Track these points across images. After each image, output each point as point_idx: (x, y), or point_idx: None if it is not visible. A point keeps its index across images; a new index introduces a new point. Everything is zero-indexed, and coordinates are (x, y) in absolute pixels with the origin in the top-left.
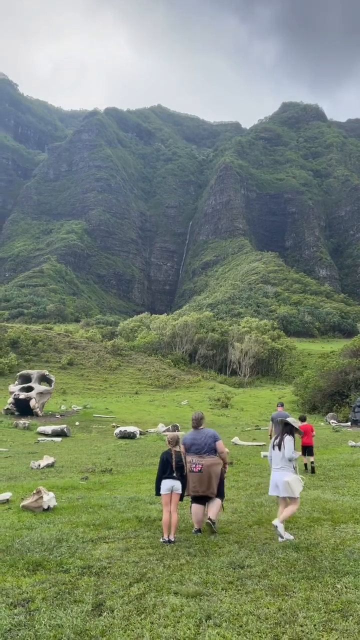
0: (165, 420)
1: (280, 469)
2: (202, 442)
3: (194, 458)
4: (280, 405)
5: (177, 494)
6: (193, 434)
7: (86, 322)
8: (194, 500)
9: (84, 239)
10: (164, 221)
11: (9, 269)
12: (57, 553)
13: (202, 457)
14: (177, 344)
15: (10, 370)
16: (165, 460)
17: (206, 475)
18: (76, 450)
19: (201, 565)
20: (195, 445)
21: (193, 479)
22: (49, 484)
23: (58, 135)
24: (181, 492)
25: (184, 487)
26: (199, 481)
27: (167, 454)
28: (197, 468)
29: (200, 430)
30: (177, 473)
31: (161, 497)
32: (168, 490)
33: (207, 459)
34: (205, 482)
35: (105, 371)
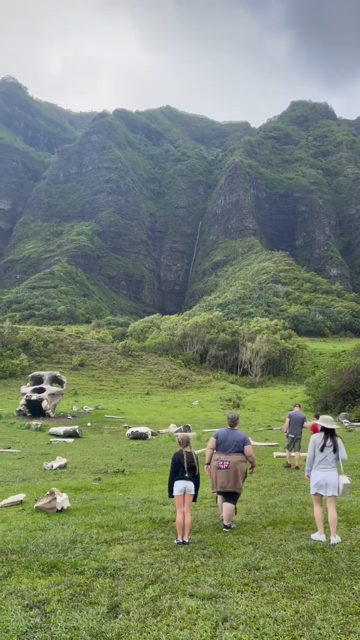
0: (177, 421)
1: (331, 469)
2: (232, 441)
3: (221, 455)
4: (297, 406)
5: (190, 495)
6: (226, 432)
7: (97, 323)
8: (223, 497)
9: (94, 240)
10: (174, 222)
11: (20, 270)
12: (72, 554)
13: (229, 454)
14: (187, 344)
15: (22, 371)
16: (177, 462)
17: (232, 471)
18: (88, 451)
19: (216, 566)
20: (226, 442)
21: (220, 475)
22: (62, 485)
23: (67, 137)
24: (194, 493)
25: (197, 488)
26: (226, 478)
27: (179, 455)
28: (224, 465)
29: (234, 430)
30: (189, 474)
31: (174, 498)
32: (181, 492)
33: (234, 457)
34: (232, 478)
35: (117, 372)
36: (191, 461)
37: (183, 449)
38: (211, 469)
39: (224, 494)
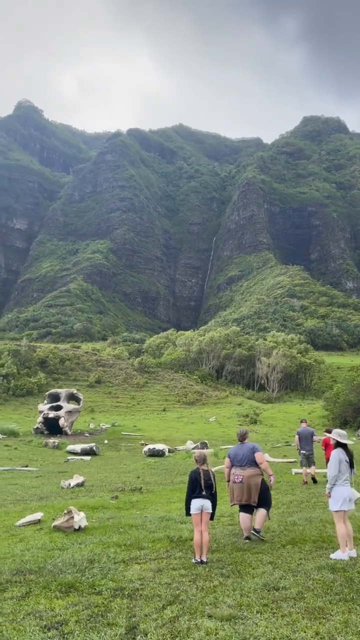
0: (194, 438)
1: (349, 484)
2: (243, 454)
3: (236, 470)
4: (304, 422)
5: (208, 513)
6: (237, 447)
7: (113, 340)
8: (241, 509)
9: (109, 258)
10: (188, 238)
11: (37, 289)
12: (89, 574)
13: (244, 469)
14: (203, 360)
15: (40, 389)
16: (193, 479)
17: (246, 485)
18: (105, 469)
19: (235, 586)
20: (238, 457)
21: (236, 489)
22: (79, 504)
23: (82, 157)
24: (212, 511)
25: (214, 506)
26: (240, 491)
27: (195, 473)
28: (239, 479)
29: (243, 444)
30: (206, 492)
31: (192, 517)
32: (198, 510)
33: (248, 471)
34: (245, 492)
35: (133, 388)
36: (208, 479)
37: (200, 467)
38: (230, 484)
39: (248, 507)
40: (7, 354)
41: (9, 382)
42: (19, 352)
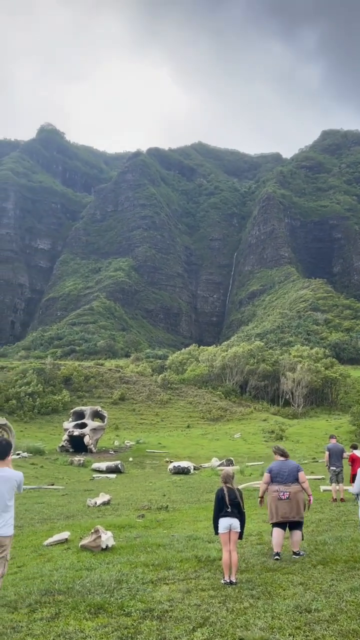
0: (219, 455)
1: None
2: (288, 472)
3: (280, 487)
4: (333, 438)
5: (236, 533)
6: (280, 464)
7: (136, 357)
8: (276, 525)
9: (131, 275)
10: (209, 254)
11: (61, 308)
12: (118, 595)
13: (288, 485)
14: (227, 375)
15: (64, 407)
16: (220, 498)
17: (294, 501)
18: (131, 487)
19: (266, 608)
20: (281, 474)
21: (283, 506)
22: (106, 523)
23: (103, 177)
24: (240, 530)
25: (242, 525)
26: (289, 507)
27: (221, 491)
28: (285, 495)
29: (286, 461)
30: (233, 510)
31: (220, 536)
32: (226, 529)
33: (293, 487)
34: (294, 507)
35: (157, 405)
36: (234, 498)
37: (225, 485)
38: (269, 501)
39: (284, 524)
40: (32, 372)
41: (35, 400)
42: (43, 371)
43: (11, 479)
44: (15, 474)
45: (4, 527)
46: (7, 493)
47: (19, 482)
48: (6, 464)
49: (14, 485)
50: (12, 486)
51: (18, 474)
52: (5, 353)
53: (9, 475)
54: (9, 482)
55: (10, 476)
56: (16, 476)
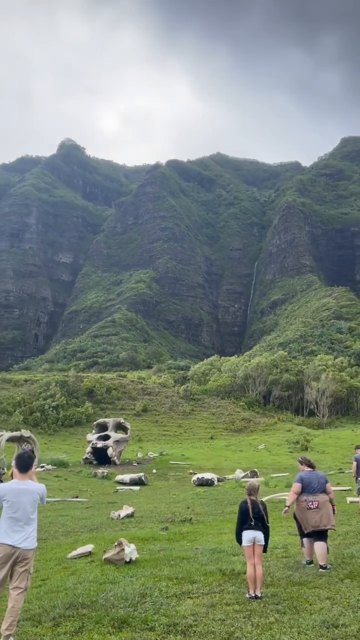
0: (243, 466)
1: None
2: (317, 482)
3: (309, 497)
4: (359, 448)
5: (260, 546)
6: (309, 474)
7: (158, 368)
8: (307, 536)
9: (152, 287)
10: (229, 264)
11: (83, 320)
12: (142, 609)
13: (316, 495)
14: (250, 385)
15: (88, 419)
16: (244, 510)
17: (324, 510)
18: (155, 499)
19: (292, 624)
20: (311, 485)
21: (313, 515)
22: (129, 535)
23: (123, 190)
24: (264, 543)
25: (266, 538)
26: (319, 516)
27: (245, 504)
28: (314, 505)
29: (315, 472)
30: (256, 523)
31: (244, 549)
32: (250, 542)
33: (321, 496)
34: (325, 516)
35: (179, 416)
36: (258, 511)
37: (248, 497)
38: (298, 511)
39: (314, 534)
40: (56, 385)
41: (58, 412)
42: (66, 383)
43: (34, 492)
44: (38, 486)
45: (27, 540)
46: (29, 506)
47: (42, 494)
48: (29, 477)
49: (37, 498)
50: (35, 499)
51: (41, 487)
52: (29, 366)
53: (31, 488)
54: (32, 494)
55: (33, 489)
56: (39, 489)
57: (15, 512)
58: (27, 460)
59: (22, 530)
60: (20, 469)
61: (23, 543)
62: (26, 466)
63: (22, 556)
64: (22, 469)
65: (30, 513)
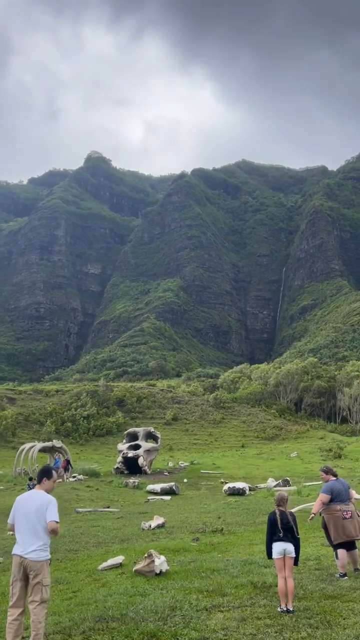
0: (275, 475)
1: None
2: (345, 491)
3: (342, 506)
4: None
5: (291, 558)
6: (336, 483)
7: (187, 377)
8: (341, 546)
9: (180, 295)
10: (257, 270)
11: (112, 330)
12: (172, 623)
13: (347, 504)
14: (280, 393)
15: (118, 428)
16: (272, 521)
17: (356, 519)
18: (186, 509)
19: (324, 638)
20: (342, 494)
21: (347, 525)
22: (160, 547)
23: (149, 200)
24: (295, 555)
25: (297, 549)
26: (352, 526)
27: (274, 515)
28: (348, 515)
29: (340, 480)
30: (285, 535)
31: (274, 561)
32: (280, 554)
33: (351, 505)
34: (357, 526)
35: (210, 425)
36: (287, 522)
37: (277, 508)
38: (332, 521)
39: (348, 544)
40: (86, 395)
41: (89, 422)
42: (97, 393)
43: (39, 504)
44: (45, 498)
45: (35, 552)
46: (34, 517)
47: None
48: (45, 487)
49: (42, 510)
50: (40, 510)
51: (47, 498)
52: (60, 376)
53: (37, 499)
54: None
55: (38, 500)
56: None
57: (24, 522)
58: (43, 472)
59: (29, 541)
60: (37, 481)
61: (30, 554)
62: (40, 477)
63: (30, 568)
64: (38, 480)
65: (36, 524)
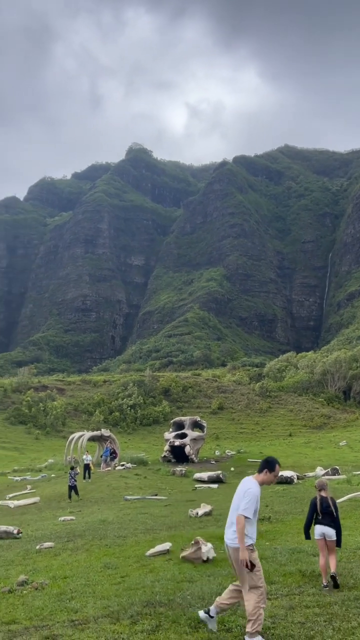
0: (324, 463)
1: None
2: None
3: None
4: None
5: (332, 541)
6: None
7: (232, 366)
8: None
9: (223, 284)
10: (302, 257)
11: (157, 321)
12: None
13: None
14: (328, 381)
15: (165, 417)
16: (313, 505)
17: None
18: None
19: None
20: None
21: None
22: (207, 534)
23: (191, 190)
24: (335, 538)
25: (338, 533)
26: None
27: (314, 499)
28: None
29: None
30: (325, 518)
31: (316, 541)
32: (320, 536)
33: None
34: None
35: (256, 414)
36: (327, 506)
37: (318, 493)
38: None
39: None
40: (133, 385)
41: (136, 411)
42: (143, 383)
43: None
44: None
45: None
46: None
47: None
48: (260, 479)
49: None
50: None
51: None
52: (107, 367)
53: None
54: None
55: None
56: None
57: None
58: (266, 462)
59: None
60: (259, 470)
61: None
62: (262, 468)
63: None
64: (260, 469)
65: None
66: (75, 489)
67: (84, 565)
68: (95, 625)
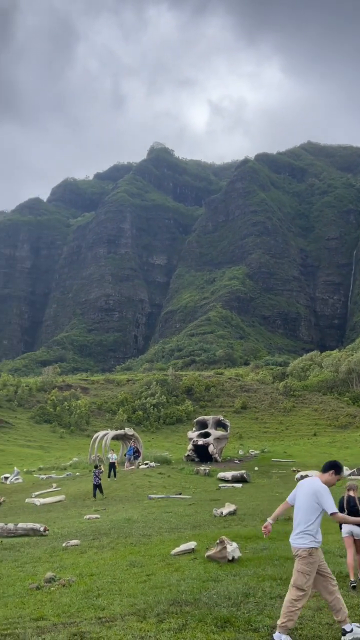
0: (350, 463)
1: None
2: None
3: None
4: None
5: (359, 539)
6: None
7: (255, 365)
8: None
9: (246, 283)
10: (326, 254)
11: (179, 320)
12: (245, 609)
13: None
14: (353, 380)
15: (188, 416)
16: (341, 504)
17: None
18: (257, 497)
19: None
20: None
21: None
22: (232, 534)
23: (213, 188)
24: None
25: None
26: None
27: (343, 498)
28: None
29: None
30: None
31: (343, 540)
32: (348, 534)
33: None
34: None
35: (280, 413)
36: (354, 505)
37: (347, 492)
38: None
39: None
40: (156, 384)
41: (159, 410)
42: (166, 382)
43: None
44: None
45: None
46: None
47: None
48: (324, 479)
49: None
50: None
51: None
52: (130, 366)
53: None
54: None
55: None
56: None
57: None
58: (330, 465)
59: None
60: (323, 470)
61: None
62: (326, 469)
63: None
64: (324, 469)
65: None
66: (100, 487)
67: (109, 563)
68: (122, 623)
